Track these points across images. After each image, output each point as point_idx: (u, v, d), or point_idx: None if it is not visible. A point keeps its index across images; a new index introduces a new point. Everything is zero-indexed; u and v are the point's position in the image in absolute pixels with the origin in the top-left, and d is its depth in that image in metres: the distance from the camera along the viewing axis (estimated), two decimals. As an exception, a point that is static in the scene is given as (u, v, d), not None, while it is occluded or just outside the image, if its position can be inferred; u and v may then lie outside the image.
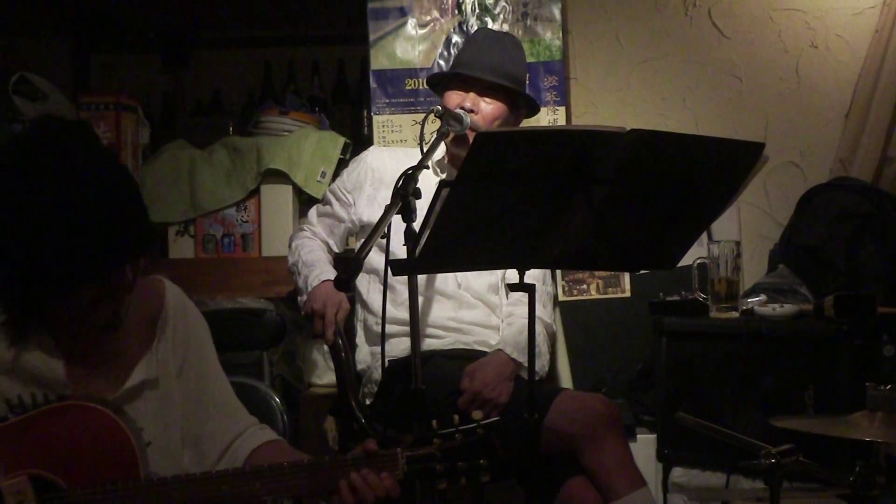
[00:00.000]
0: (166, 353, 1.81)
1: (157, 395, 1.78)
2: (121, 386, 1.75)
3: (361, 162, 2.83)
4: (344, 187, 2.81)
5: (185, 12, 3.73)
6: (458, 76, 2.66)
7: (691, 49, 3.42)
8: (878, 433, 1.77)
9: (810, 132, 3.38)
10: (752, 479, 2.55)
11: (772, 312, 2.72)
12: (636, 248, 1.98)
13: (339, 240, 2.85)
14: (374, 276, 2.69)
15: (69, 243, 1.55)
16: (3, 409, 1.69)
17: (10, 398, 1.69)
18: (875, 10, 3.31)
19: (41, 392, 1.70)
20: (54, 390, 1.70)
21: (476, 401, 2.44)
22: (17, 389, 1.69)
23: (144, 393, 1.76)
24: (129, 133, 3.25)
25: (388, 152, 2.91)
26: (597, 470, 2.35)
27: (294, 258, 2.78)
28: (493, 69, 2.62)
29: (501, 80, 2.61)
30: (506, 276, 2.74)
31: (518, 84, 2.68)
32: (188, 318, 1.86)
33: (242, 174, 3.25)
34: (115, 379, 1.75)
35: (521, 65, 2.75)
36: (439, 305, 2.67)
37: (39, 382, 1.70)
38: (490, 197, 1.78)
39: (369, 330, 2.73)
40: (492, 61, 2.63)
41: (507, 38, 2.84)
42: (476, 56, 2.66)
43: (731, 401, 2.67)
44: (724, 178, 1.85)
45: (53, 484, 1.65)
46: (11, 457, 1.65)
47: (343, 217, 2.80)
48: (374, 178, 2.76)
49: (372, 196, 2.74)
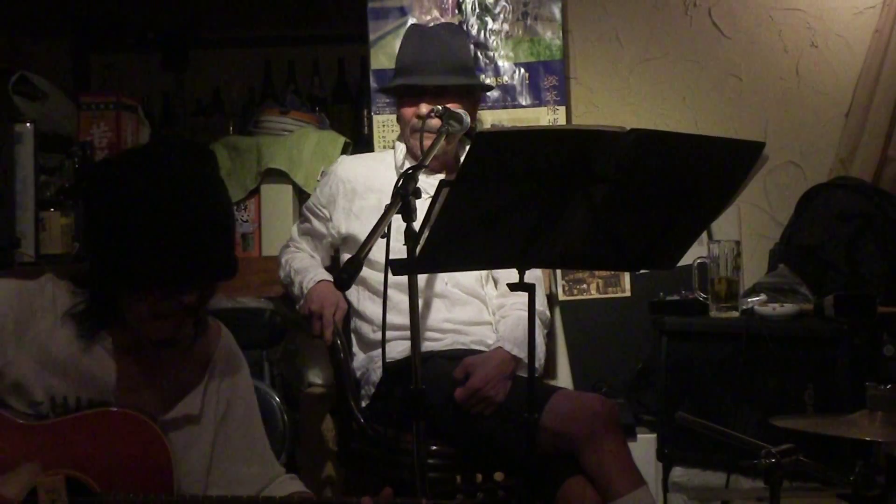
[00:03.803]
0: (213, 394, 1.84)
1: (195, 431, 1.81)
2: (164, 414, 1.77)
3: (332, 175, 2.83)
4: (318, 203, 2.82)
5: (185, 12, 3.73)
6: (405, 86, 2.64)
7: (691, 49, 3.42)
8: (878, 433, 1.77)
9: (810, 132, 3.38)
10: (752, 479, 2.54)
11: (772, 312, 2.72)
12: (636, 247, 1.98)
13: (324, 254, 2.86)
14: (362, 286, 2.70)
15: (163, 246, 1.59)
16: (46, 406, 1.71)
17: (55, 396, 1.71)
18: (875, 10, 3.31)
19: (86, 395, 1.72)
20: (100, 394, 1.73)
21: (474, 397, 2.44)
22: (63, 390, 1.71)
23: (185, 426, 1.80)
24: (129, 133, 3.25)
25: (358, 160, 2.91)
26: (595, 469, 2.35)
27: (285, 270, 2.80)
28: (438, 69, 2.60)
29: (450, 78, 2.60)
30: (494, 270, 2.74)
31: (467, 74, 2.66)
32: (238, 364, 1.91)
33: (242, 174, 3.25)
34: (161, 405, 1.78)
35: (464, 50, 2.72)
36: (432, 307, 2.67)
37: (88, 384, 1.72)
38: (490, 196, 1.78)
39: (363, 338, 2.73)
40: (435, 59, 2.61)
41: (443, 27, 2.82)
42: (417, 58, 2.64)
43: (731, 401, 2.67)
44: (724, 178, 1.85)
45: (87, 487, 1.67)
46: (50, 455, 1.67)
47: (323, 232, 2.81)
48: (347, 189, 2.76)
49: (347, 208, 2.75)
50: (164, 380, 1.80)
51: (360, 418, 2.61)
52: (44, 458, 1.66)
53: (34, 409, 1.70)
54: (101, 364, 1.73)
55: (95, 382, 1.72)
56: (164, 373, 1.80)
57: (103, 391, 1.73)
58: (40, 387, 1.70)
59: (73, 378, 1.72)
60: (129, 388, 1.76)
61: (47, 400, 1.71)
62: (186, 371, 1.83)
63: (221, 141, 3.34)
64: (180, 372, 1.82)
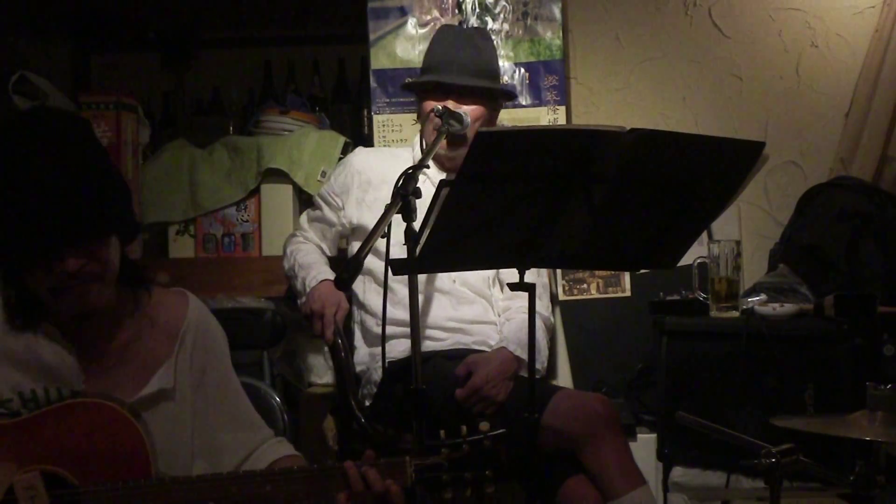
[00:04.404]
0: (184, 365, 1.83)
1: (171, 405, 1.80)
2: (137, 392, 1.77)
3: (347, 165, 2.83)
4: (332, 191, 2.82)
5: (185, 12, 3.73)
6: (433, 83, 2.65)
7: (691, 49, 3.42)
8: (878, 433, 1.77)
9: (810, 132, 3.38)
10: (752, 479, 2.55)
11: (772, 312, 2.72)
12: (636, 247, 1.98)
13: (331, 243, 2.86)
14: (369, 277, 2.69)
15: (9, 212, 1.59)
16: (16, 403, 1.70)
17: (23, 391, 1.71)
18: (875, 10, 3.31)
19: (55, 387, 1.71)
20: (68, 385, 1.72)
21: (475, 395, 2.44)
22: (30, 384, 1.71)
23: (160, 402, 1.79)
24: (129, 133, 3.24)
25: (373, 153, 2.92)
26: (596, 469, 2.35)
27: (290, 262, 2.79)
28: (468, 70, 2.60)
29: (478, 81, 2.60)
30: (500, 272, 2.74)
31: (494, 80, 2.67)
32: (209, 331, 1.89)
33: (242, 173, 3.25)
34: (133, 385, 1.77)
35: (493, 57, 2.74)
36: (437, 304, 2.67)
37: (53, 375, 1.72)
38: (490, 196, 1.78)
39: (368, 331, 2.73)
40: (465, 61, 2.62)
41: (474, 32, 2.83)
42: (447, 58, 2.65)
43: (731, 400, 2.66)
44: (724, 178, 1.85)
45: (65, 480, 1.66)
46: (24, 452, 1.66)
47: (333, 221, 2.81)
48: (361, 180, 2.76)
49: (360, 198, 2.75)
50: (132, 359, 1.78)
51: (361, 418, 2.61)
52: (18, 456, 1.66)
53: (4, 406, 1.70)
54: (57, 354, 1.73)
55: (58, 373, 1.72)
56: (130, 352, 1.79)
57: (68, 380, 1.72)
58: (4, 383, 1.71)
59: (34, 370, 1.72)
60: (97, 372, 1.75)
61: (15, 396, 1.70)
62: (154, 346, 1.81)
63: (221, 141, 3.34)
64: (147, 348, 1.80)
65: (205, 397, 1.84)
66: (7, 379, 1.71)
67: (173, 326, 1.84)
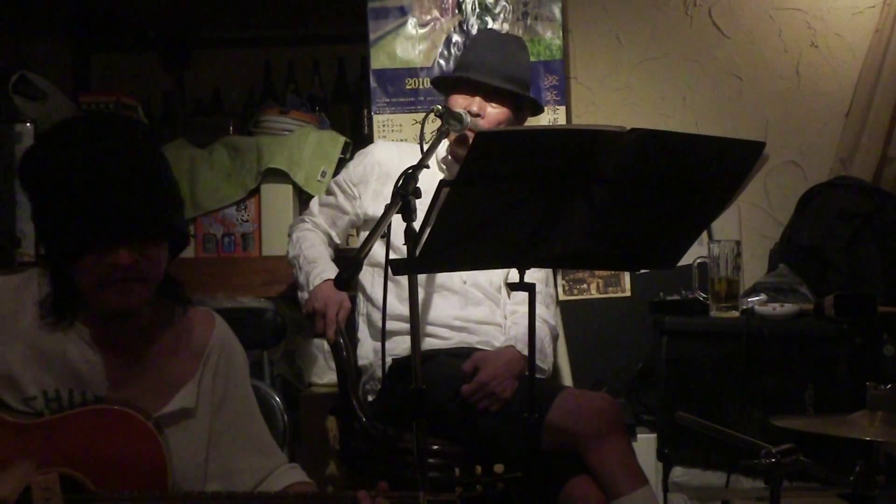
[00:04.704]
0: (207, 386, 1.83)
1: (190, 425, 1.80)
2: (159, 408, 1.77)
3: (368, 155, 2.81)
4: (350, 180, 2.80)
5: (185, 12, 3.73)
6: (464, 79, 2.66)
7: (691, 48, 3.42)
8: (878, 433, 1.77)
9: (810, 132, 3.38)
10: (752, 479, 2.55)
11: (772, 312, 2.72)
12: (636, 247, 1.98)
13: (341, 231, 2.84)
14: (378, 269, 2.68)
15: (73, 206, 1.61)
16: (40, 402, 1.71)
17: (47, 391, 1.71)
18: (875, 10, 3.31)
19: (79, 391, 1.72)
20: (92, 389, 1.72)
21: (481, 391, 2.44)
22: (54, 384, 1.71)
23: (181, 421, 1.79)
24: (130, 133, 3.24)
25: (394, 146, 2.89)
26: (600, 468, 2.35)
27: (295, 251, 2.77)
28: (500, 73, 2.61)
29: (507, 84, 2.61)
30: (508, 275, 2.75)
31: (523, 88, 2.68)
32: (233, 354, 1.89)
33: (242, 173, 3.25)
34: (154, 399, 1.78)
35: (526, 67, 2.75)
36: (445, 302, 2.67)
37: (78, 379, 1.72)
38: (490, 196, 1.78)
39: (373, 325, 2.72)
40: (497, 64, 2.62)
41: (512, 39, 2.83)
42: (481, 58, 2.65)
43: (731, 400, 2.67)
44: (724, 178, 1.85)
45: (82, 485, 1.67)
46: (44, 453, 1.67)
47: (347, 209, 2.79)
48: (381, 171, 2.74)
49: (378, 191, 2.73)
50: (157, 373, 1.79)
51: (363, 417, 2.61)
52: (37, 456, 1.66)
53: (29, 404, 1.70)
54: (85, 356, 1.73)
55: (83, 376, 1.72)
56: (156, 365, 1.79)
57: (94, 385, 1.72)
58: (31, 381, 1.71)
59: (61, 371, 1.72)
60: (121, 381, 1.75)
61: (40, 394, 1.70)
62: (180, 363, 1.82)
63: (221, 141, 3.34)
64: (173, 364, 1.81)
65: (223, 420, 1.85)
66: (34, 377, 1.71)
67: (199, 346, 1.84)
